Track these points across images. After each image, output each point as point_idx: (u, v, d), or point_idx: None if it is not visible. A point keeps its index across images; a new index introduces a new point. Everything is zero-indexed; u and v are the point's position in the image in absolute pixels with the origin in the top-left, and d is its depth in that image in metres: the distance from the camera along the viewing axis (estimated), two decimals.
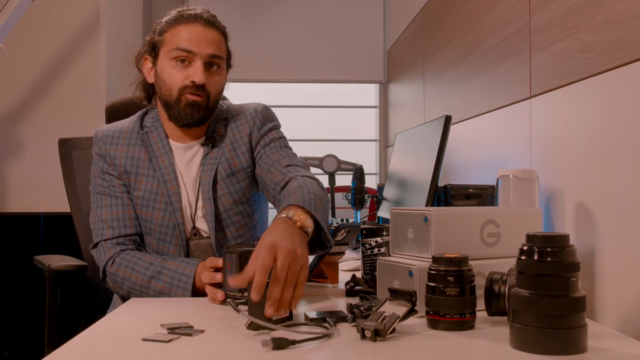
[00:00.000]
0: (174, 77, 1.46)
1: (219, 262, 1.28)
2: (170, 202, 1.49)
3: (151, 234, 1.51)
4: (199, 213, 1.52)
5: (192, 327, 1.04)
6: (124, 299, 1.50)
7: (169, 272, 1.39)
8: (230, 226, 1.53)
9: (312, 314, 1.10)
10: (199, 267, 1.37)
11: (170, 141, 1.54)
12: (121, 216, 1.50)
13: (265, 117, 1.58)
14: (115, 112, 1.91)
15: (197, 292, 1.37)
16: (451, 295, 1.02)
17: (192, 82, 1.44)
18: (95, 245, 1.49)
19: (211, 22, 1.48)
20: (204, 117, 1.50)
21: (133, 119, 1.58)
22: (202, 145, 1.54)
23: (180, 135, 1.54)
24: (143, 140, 1.54)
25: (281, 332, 1.00)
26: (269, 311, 1.01)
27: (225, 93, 1.63)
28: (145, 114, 1.59)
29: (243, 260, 1.15)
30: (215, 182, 1.51)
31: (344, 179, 3.25)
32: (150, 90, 1.58)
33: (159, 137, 1.53)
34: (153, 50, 1.51)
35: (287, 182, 1.41)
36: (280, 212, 1.21)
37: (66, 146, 1.96)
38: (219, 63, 1.49)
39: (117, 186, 1.52)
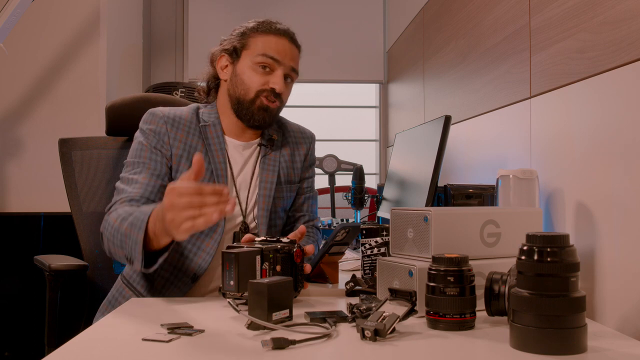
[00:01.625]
0: (254, 79, 1.55)
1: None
2: None
3: None
4: (252, 208, 1.56)
5: (192, 327, 1.04)
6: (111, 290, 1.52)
7: (135, 213, 1.31)
8: (272, 228, 1.60)
9: (312, 314, 1.10)
10: (157, 207, 1.25)
11: (227, 137, 1.60)
12: (152, 185, 1.47)
13: (314, 148, 1.76)
14: (115, 112, 1.92)
15: (150, 235, 1.25)
16: (451, 295, 1.03)
17: (272, 88, 1.54)
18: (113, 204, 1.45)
19: (294, 40, 1.63)
20: (273, 122, 1.61)
21: (189, 110, 1.61)
22: (261, 145, 1.62)
23: (238, 132, 1.61)
24: (201, 132, 1.58)
25: (281, 332, 1.00)
26: None
27: None
28: (199, 108, 1.63)
29: (241, 261, 1.15)
30: (278, 183, 1.61)
31: (344, 179, 3.26)
32: (211, 87, 1.65)
33: (215, 133, 1.58)
34: (234, 50, 1.58)
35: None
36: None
37: (66, 146, 1.96)
38: (293, 77, 1.61)
39: (163, 165, 1.51)
